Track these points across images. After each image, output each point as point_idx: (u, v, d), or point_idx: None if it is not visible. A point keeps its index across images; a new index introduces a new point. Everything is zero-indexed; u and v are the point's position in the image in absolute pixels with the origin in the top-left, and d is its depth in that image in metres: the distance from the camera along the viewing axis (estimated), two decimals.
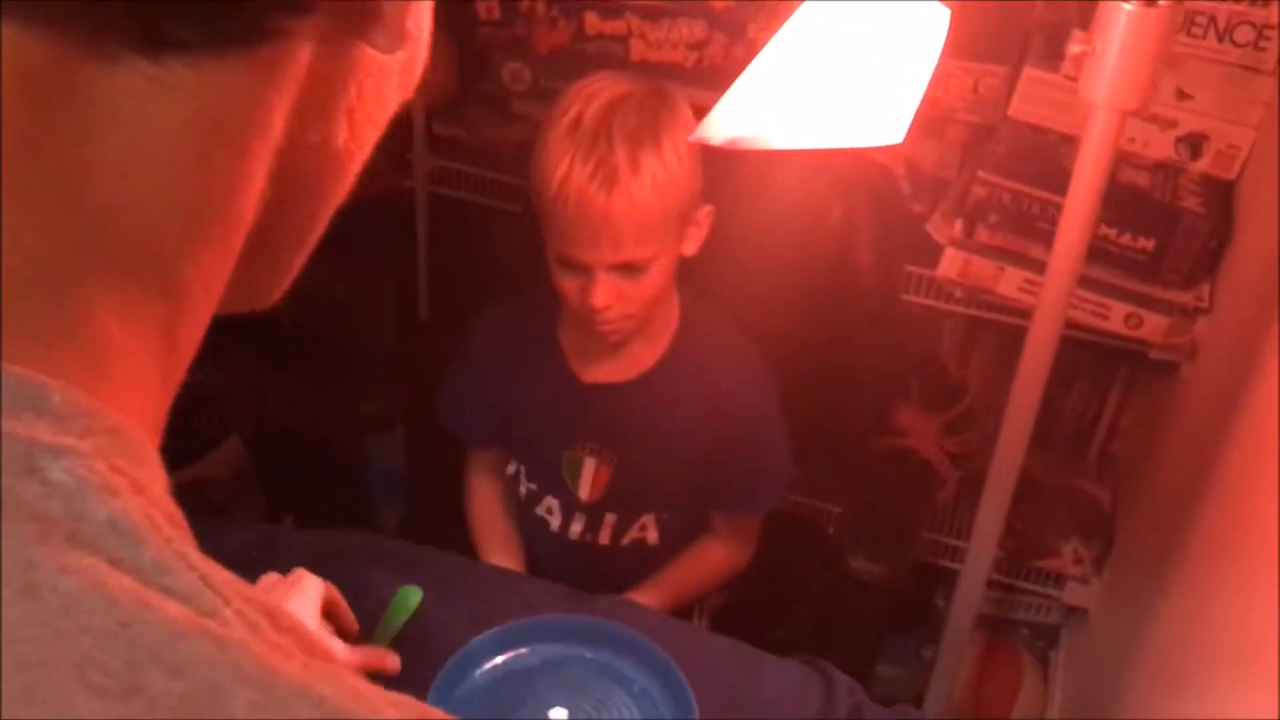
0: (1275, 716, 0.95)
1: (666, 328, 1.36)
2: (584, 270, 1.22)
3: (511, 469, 1.47)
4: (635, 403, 1.35)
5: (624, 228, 1.18)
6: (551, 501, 1.43)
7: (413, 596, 1.17)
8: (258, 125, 0.37)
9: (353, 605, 1.16)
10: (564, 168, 1.17)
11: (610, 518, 1.42)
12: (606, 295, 1.21)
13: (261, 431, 2.25)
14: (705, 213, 1.28)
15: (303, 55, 0.37)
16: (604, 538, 1.43)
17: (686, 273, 1.38)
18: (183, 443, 2.14)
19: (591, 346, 1.35)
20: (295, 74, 0.37)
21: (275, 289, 0.46)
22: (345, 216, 0.48)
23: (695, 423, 1.35)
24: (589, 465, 1.38)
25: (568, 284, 1.24)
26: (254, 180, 0.38)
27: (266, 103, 0.37)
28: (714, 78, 1.62)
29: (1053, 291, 1.16)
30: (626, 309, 1.24)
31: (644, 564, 1.44)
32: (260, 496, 2.28)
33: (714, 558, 1.46)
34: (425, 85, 0.45)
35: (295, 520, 2.28)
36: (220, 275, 0.39)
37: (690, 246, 1.29)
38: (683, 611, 1.46)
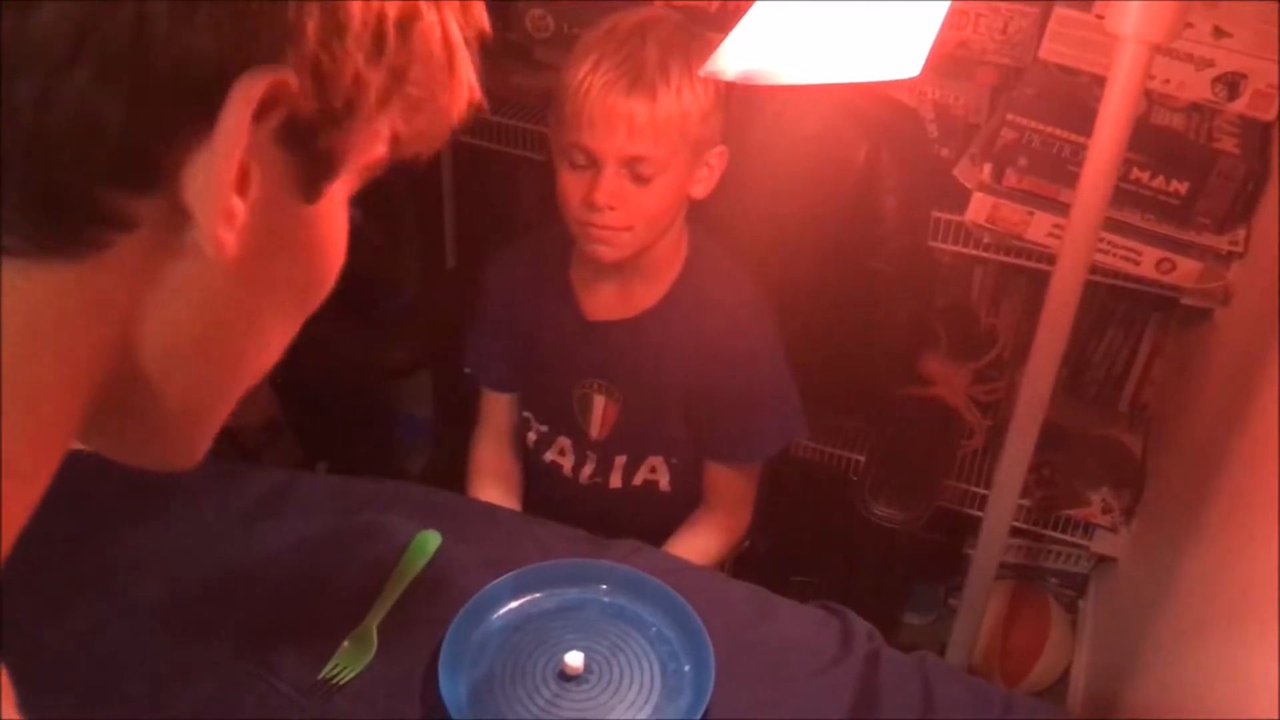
0: None
1: (672, 267, 1.35)
2: (594, 163, 1.21)
3: (522, 415, 1.47)
4: (636, 340, 1.35)
5: (641, 122, 1.17)
6: (564, 442, 1.44)
7: (431, 541, 1.18)
8: (86, 319, 0.39)
9: (371, 550, 1.17)
10: (590, 62, 1.18)
11: (620, 459, 1.42)
12: (611, 193, 1.20)
13: (291, 379, 2.26)
14: (718, 153, 1.27)
15: (131, 256, 0.39)
16: (615, 480, 1.43)
17: (707, 216, 1.36)
18: None
19: (599, 283, 1.35)
20: (127, 270, 0.39)
21: (193, 451, 0.48)
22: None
23: (690, 364, 1.34)
24: (598, 402, 1.39)
25: (573, 184, 1.23)
26: (82, 367, 0.40)
27: (95, 299, 0.39)
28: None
29: (1077, 233, 1.14)
30: (626, 219, 1.23)
31: (657, 510, 1.43)
32: (293, 443, 2.30)
33: (704, 541, 1.42)
34: None
35: (329, 467, 2.30)
36: (51, 449, 0.41)
37: (701, 189, 1.28)
38: None
